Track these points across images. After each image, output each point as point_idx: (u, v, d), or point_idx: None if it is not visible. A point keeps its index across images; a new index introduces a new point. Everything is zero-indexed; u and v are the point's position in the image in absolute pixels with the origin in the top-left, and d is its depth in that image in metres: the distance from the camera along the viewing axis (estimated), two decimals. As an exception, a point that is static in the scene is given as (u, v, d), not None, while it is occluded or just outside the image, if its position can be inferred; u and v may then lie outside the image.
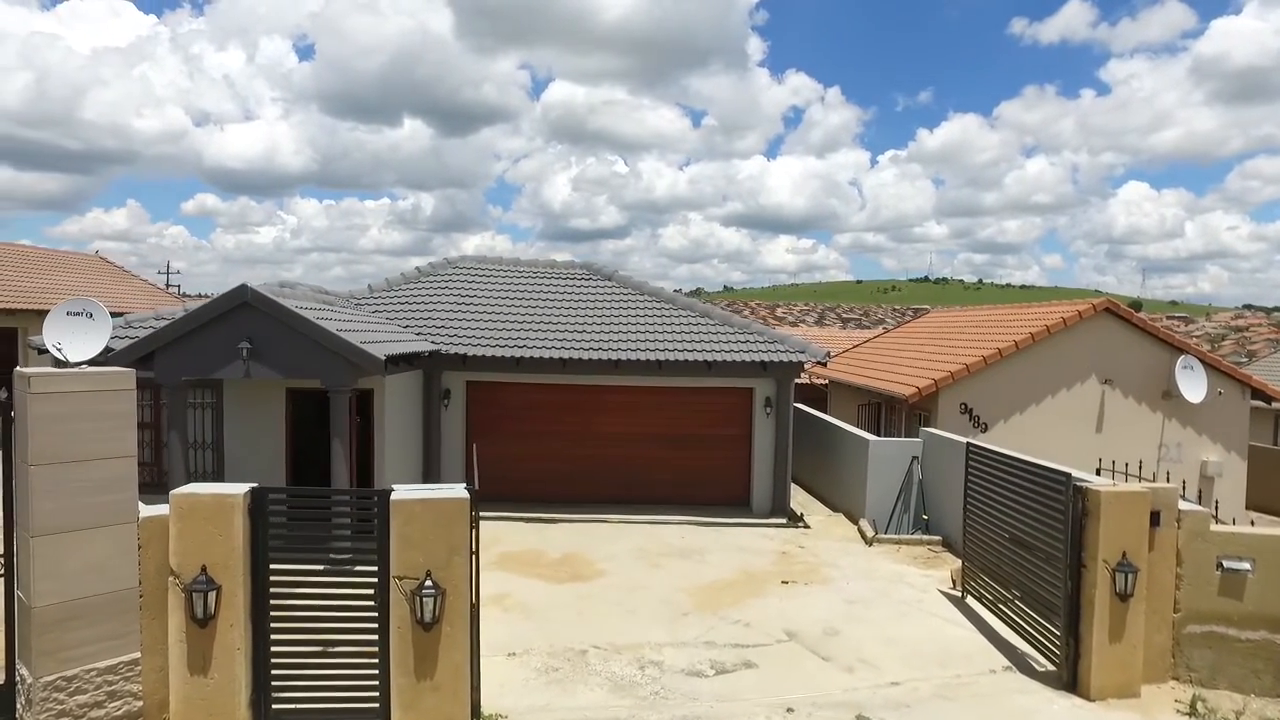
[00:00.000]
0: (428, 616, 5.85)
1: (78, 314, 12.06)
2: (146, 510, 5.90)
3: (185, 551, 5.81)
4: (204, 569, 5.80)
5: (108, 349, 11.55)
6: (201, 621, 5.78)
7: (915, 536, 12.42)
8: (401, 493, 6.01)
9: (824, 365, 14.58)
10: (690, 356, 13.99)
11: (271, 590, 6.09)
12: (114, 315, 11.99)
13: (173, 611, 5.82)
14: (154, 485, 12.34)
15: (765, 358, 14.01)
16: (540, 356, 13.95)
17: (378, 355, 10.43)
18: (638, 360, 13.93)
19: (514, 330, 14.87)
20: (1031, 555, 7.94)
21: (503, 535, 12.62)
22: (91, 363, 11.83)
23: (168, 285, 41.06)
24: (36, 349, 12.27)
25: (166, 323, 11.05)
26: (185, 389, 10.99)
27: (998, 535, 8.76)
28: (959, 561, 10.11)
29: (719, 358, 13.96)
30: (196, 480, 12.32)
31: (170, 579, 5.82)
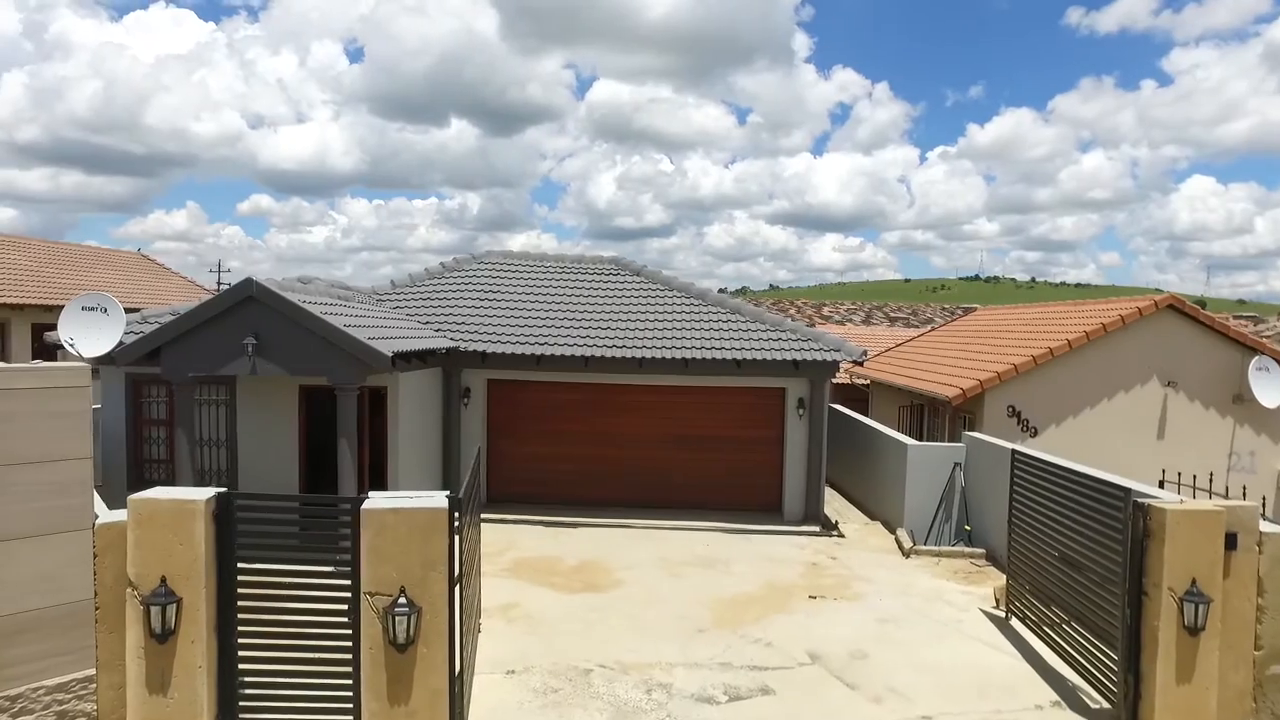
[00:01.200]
0: (401, 637, 5.33)
1: (92, 309, 11.97)
2: (105, 515, 5.48)
3: (144, 561, 5.38)
4: (164, 580, 5.37)
5: (121, 344, 11.42)
6: (160, 637, 5.35)
7: (956, 549, 11.57)
8: (374, 501, 5.50)
9: (860, 364, 13.77)
10: (718, 354, 13.33)
11: (240, 604, 5.64)
12: (134, 312, 11.73)
13: (131, 625, 5.40)
14: (169, 483, 12.14)
15: (798, 356, 13.27)
16: (561, 354, 13.42)
17: (384, 352, 10.00)
18: (663, 358, 13.32)
19: (537, 327, 14.38)
20: (1084, 577, 7.12)
21: (519, 540, 12.13)
22: (100, 359, 11.72)
23: (219, 284, 41.74)
24: (53, 344, 12.17)
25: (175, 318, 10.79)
26: (193, 385, 10.72)
27: (1046, 552, 7.93)
28: (1003, 578, 9.29)
29: (749, 356, 13.27)
30: (208, 479, 12.09)
31: (128, 590, 5.40)
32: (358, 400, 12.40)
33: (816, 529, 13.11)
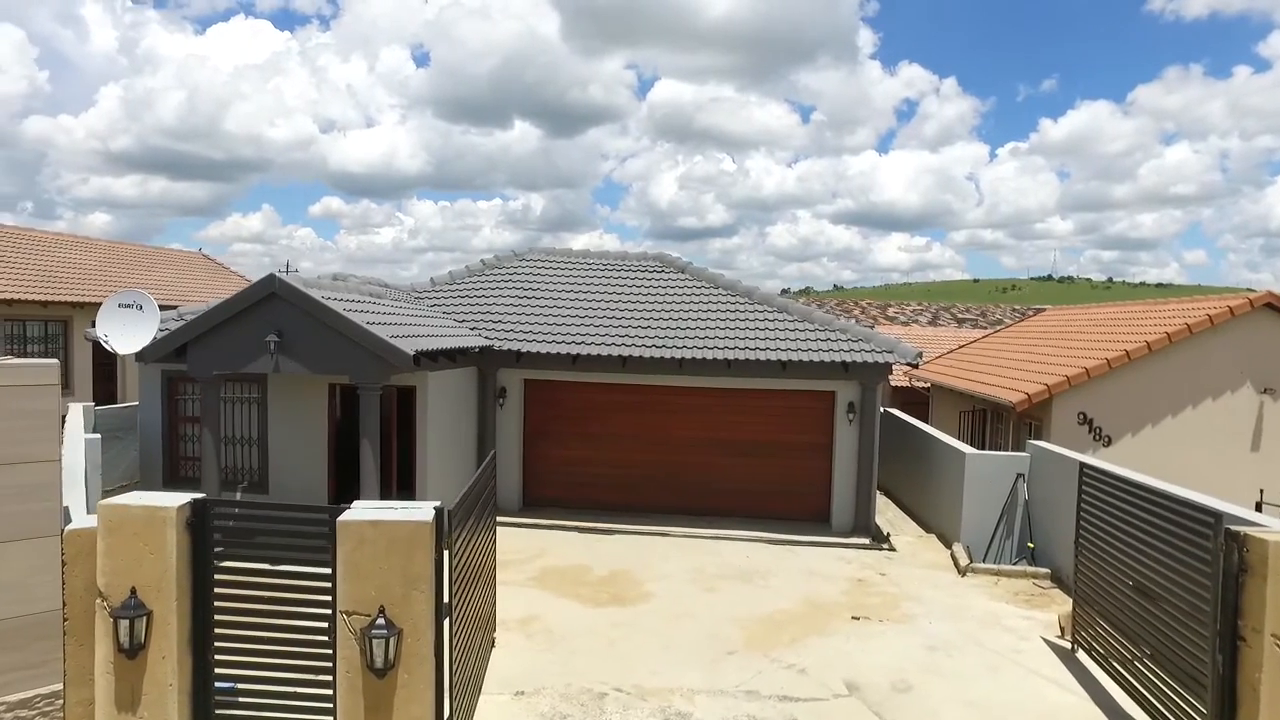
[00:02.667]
0: (379, 661, 4.87)
1: (129, 306, 11.98)
2: (76, 522, 5.17)
3: (114, 570, 5.05)
4: (133, 591, 5.03)
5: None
6: (129, 651, 5.01)
7: (1017, 568, 10.62)
8: (352, 512, 5.05)
9: (915, 367, 12.89)
10: (762, 355, 12.62)
11: (216, 618, 5.27)
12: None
13: (101, 639, 5.07)
14: (202, 481, 12.08)
15: (848, 358, 12.47)
16: (598, 354, 12.92)
17: (405, 350, 9.65)
18: (704, 359, 12.69)
19: (575, 325, 13.91)
20: (1164, 610, 6.24)
21: (550, 547, 11.67)
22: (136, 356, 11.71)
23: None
24: (92, 341, 12.24)
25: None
26: (218, 383, 10.58)
27: (1120, 579, 7.04)
28: (1070, 603, 8.38)
29: (795, 357, 12.53)
30: (239, 478, 12.00)
31: (98, 601, 5.07)
32: (387, 400, 12.19)
33: (866, 541, 12.29)
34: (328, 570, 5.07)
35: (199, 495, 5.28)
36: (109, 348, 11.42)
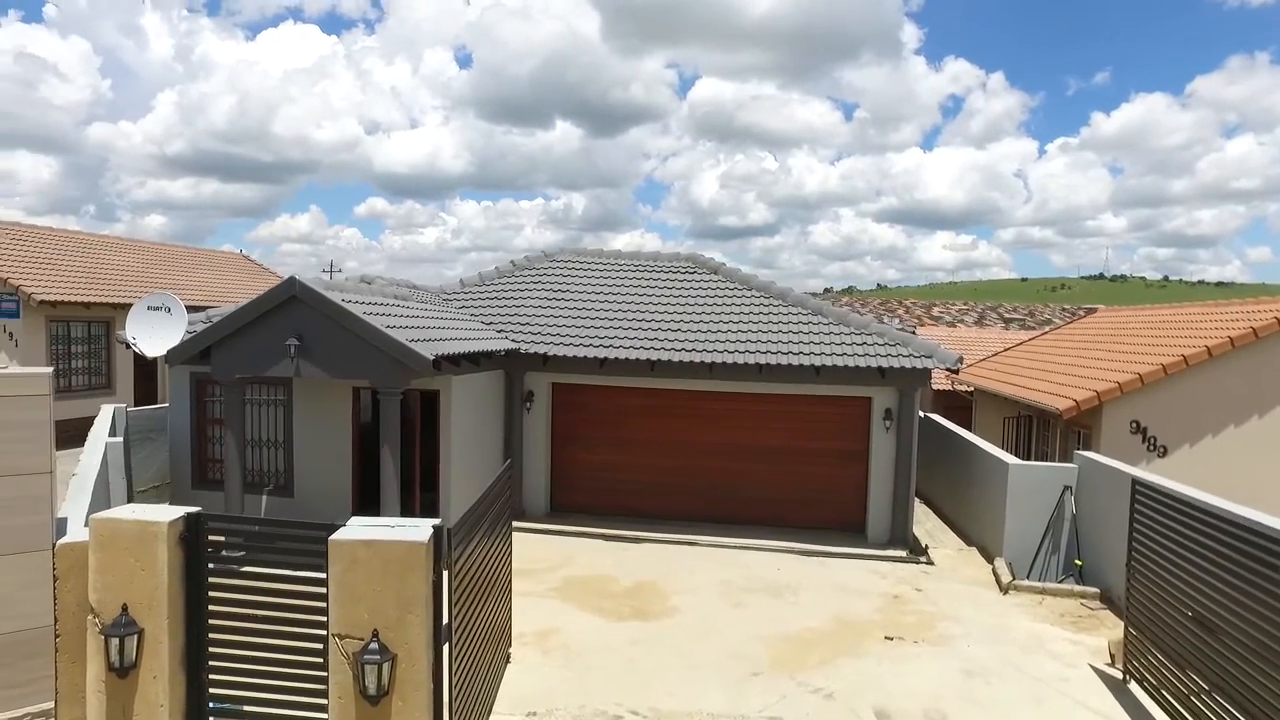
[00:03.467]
0: (372, 687, 4.62)
1: (157, 308, 12.02)
2: (69, 535, 5.03)
3: (106, 587, 4.89)
4: (125, 608, 4.86)
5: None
6: (120, 671, 4.84)
7: (1064, 586, 10.04)
8: (345, 531, 4.82)
9: (955, 372, 12.33)
10: (795, 360, 12.20)
11: (211, 637, 5.08)
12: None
13: (93, 656, 4.91)
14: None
15: (884, 363, 11.98)
16: (625, 357, 12.63)
17: (424, 354, 9.46)
18: (734, 363, 12.31)
19: (604, 328, 13.63)
20: (1230, 643, 5.71)
21: (576, 555, 11.41)
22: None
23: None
24: (122, 343, 12.32)
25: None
26: (242, 386, 10.52)
27: (1178, 605, 6.51)
28: (1122, 627, 7.83)
29: (829, 362, 12.08)
30: (265, 481, 11.96)
31: (90, 618, 4.92)
32: (410, 404, 12.06)
33: (903, 554, 11.79)
34: (323, 590, 4.85)
35: (193, 509, 5.09)
36: (137, 350, 11.46)
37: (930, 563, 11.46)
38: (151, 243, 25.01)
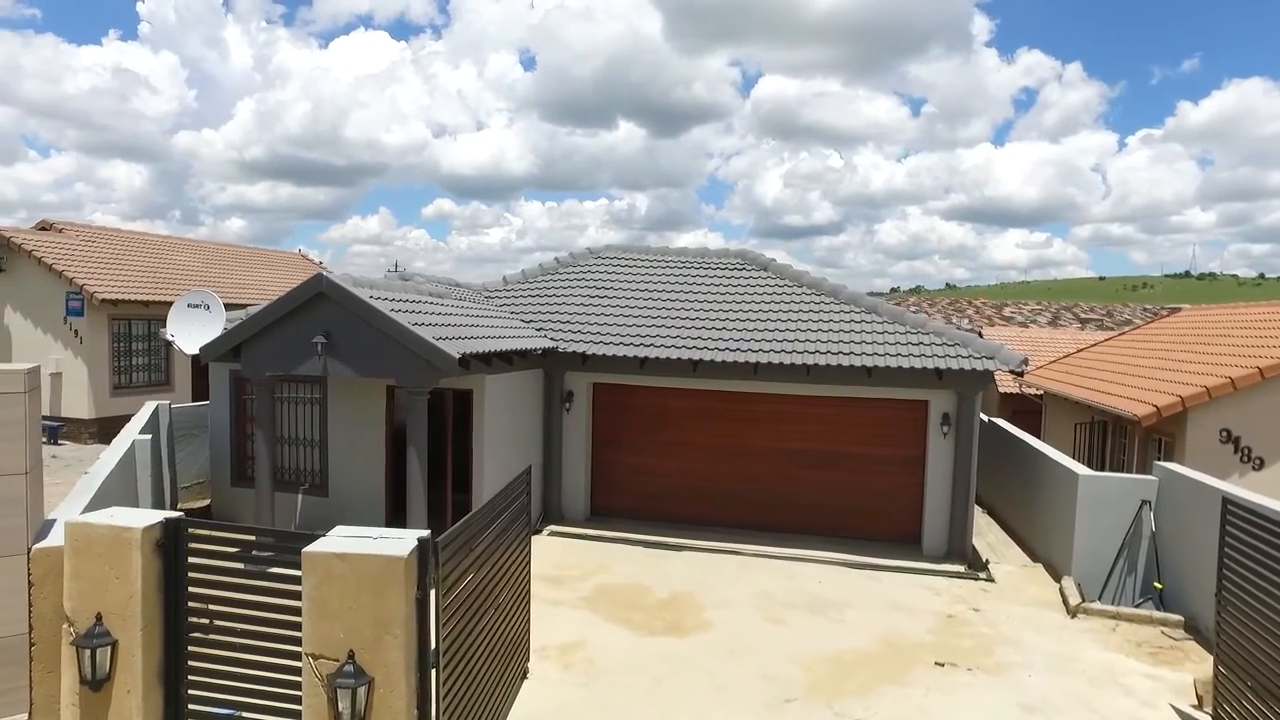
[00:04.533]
0: (346, 713, 4.25)
1: (197, 306, 12.06)
2: (46, 539, 4.80)
3: (80, 595, 4.65)
4: (99, 618, 4.61)
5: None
6: (93, 684, 4.59)
7: (1142, 612, 9.11)
8: (322, 542, 4.45)
9: (1020, 375, 11.45)
10: (846, 361, 11.49)
11: (191, 650, 4.80)
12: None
13: (66, 667, 4.68)
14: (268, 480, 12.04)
15: (942, 364, 11.17)
16: (667, 357, 12.12)
17: (450, 352, 9.13)
18: (781, 363, 11.68)
19: (646, 327, 13.14)
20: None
21: (611, 562, 10.96)
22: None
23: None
24: (164, 340, 12.40)
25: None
26: (273, 383, 10.40)
27: (1278, 641, 5.67)
28: (1210, 662, 6.96)
29: (882, 362, 11.34)
30: (301, 480, 11.86)
31: (64, 626, 4.68)
32: (444, 403, 11.80)
33: (960, 569, 10.98)
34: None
35: (172, 514, 4.82)
36: (176, 346, 11.50)
37: (990, 579, 10.62)
38: (212, 243, 25.60)
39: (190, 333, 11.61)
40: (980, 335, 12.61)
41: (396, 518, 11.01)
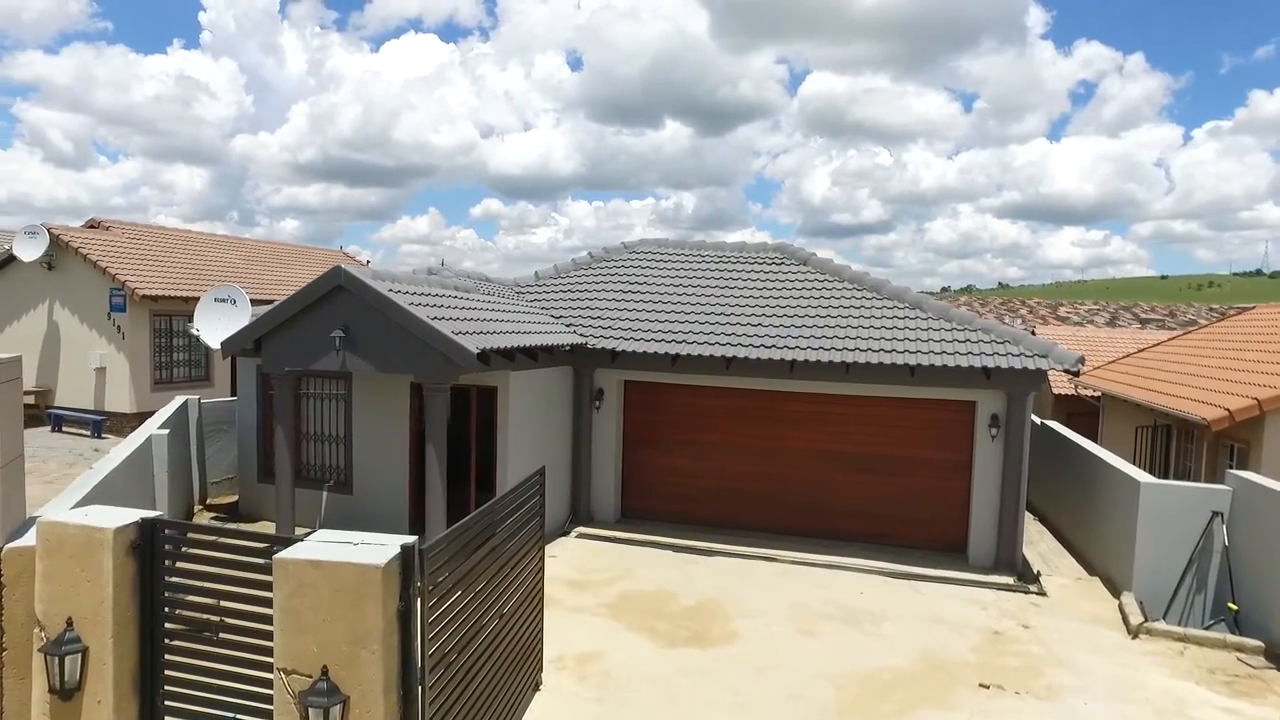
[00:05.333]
0: (319, 735, 3.90)
1: (224, 300, 11.97)
2: (20, 538, 4.56)
3: (51, 598, 4.40)
4: (70, 623, 4.35)
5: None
6: (63, 693, 4.33)
7: (1215, 634, 8.36)
8: (295, 548, 4.12)
9: (1075, 374, 10.70)
10: (887, 359, 10.88)
11: (168, 659, 4.52)
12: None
13: (37, 674, 4.44)
14: (294, 477, 11.90)
15: (990, 362, 10.50)
16: (699, 354, 11.64)
17: (469, 347, 8.81)
18: (818, 361, 11.12)
19: (680, 322, 12.68)
20: None
21: (638, 567, 10.55)
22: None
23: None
24: (191, 334, 12.35)
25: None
26: (293, 379, 10.22)
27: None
28: (1288, 694, 6.26)
29: (925, 360, 10.70)
30: (322, 479, 11.71)
31: (36, 631, 4.44)
32: (467, 400, 11.53)
33: (1009, 580, 10.30)
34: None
35: (150, 514, 4.54)
36: (202, 341, 11.41)
37: (1042, 593, 9.92)
38: (254, 240, 25.87)
39: (216, 327, 11.53)
40: (1033, 334, 11.84)
41: (419, 516, 10.76)
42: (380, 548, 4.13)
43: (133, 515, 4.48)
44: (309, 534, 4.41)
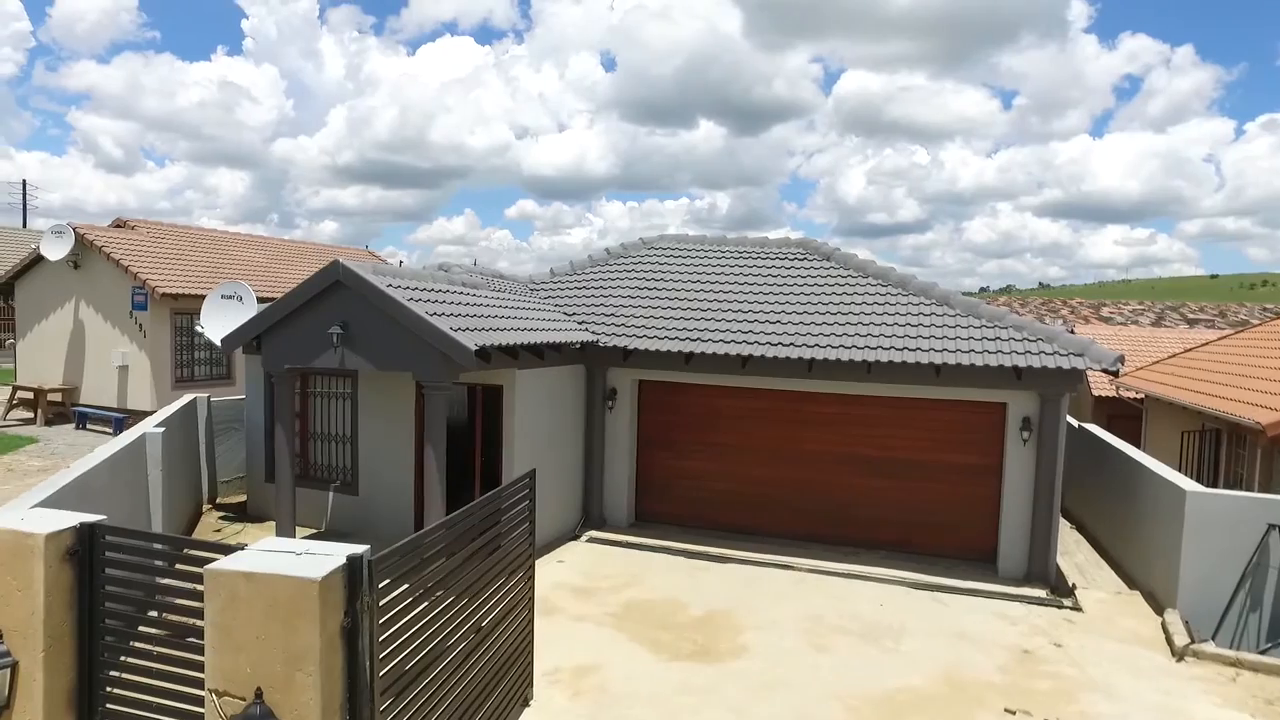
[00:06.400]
0: (251, 766, 3.54)
1: (230, 297, 11.79)
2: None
3: (-17, 607, 4.10)
4: None
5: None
6: (-7, 711, 4.03)
7: (1271, 659, 7.67)
8: (230, 559, 3.76)
9: (1114, 374, 10.03)
10: (910, 357, 10.32)
11: (108, 675, 4.20)
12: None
13: (-31, 689, 4.13)
14: (300, 476, 11.69)
15: (1021, 361, 9.88)
16: (713, 352, 11.18)
17: (467, 344, 8.45)
18: (837, 360, 10.59)
19: (696, 320, 12.21)
20: None
21: (646, 574, 10.12)
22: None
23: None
24: (196, 331, 12.19)
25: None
26: (294, 376, 9.97)
27: None
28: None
29: (952, 359, 10.12)
30: (328, 479, 11.48)
31: (-32, 643, 4.14)
32: (473, 400, 11.21)
33: (1041, 593, 9.67)
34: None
35: (90, 518, 4.22)
36: (207, 338, 11.24)
37: (1077, 608, 9.28)
38: (278, 239, 25.94)
39: (222, 324, 11.34)
40: (1071, 333, 11.18)
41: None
42: (324, 558, 3.76)
43: (71, 519, 4.18)
44: (260, 540, 4.06)
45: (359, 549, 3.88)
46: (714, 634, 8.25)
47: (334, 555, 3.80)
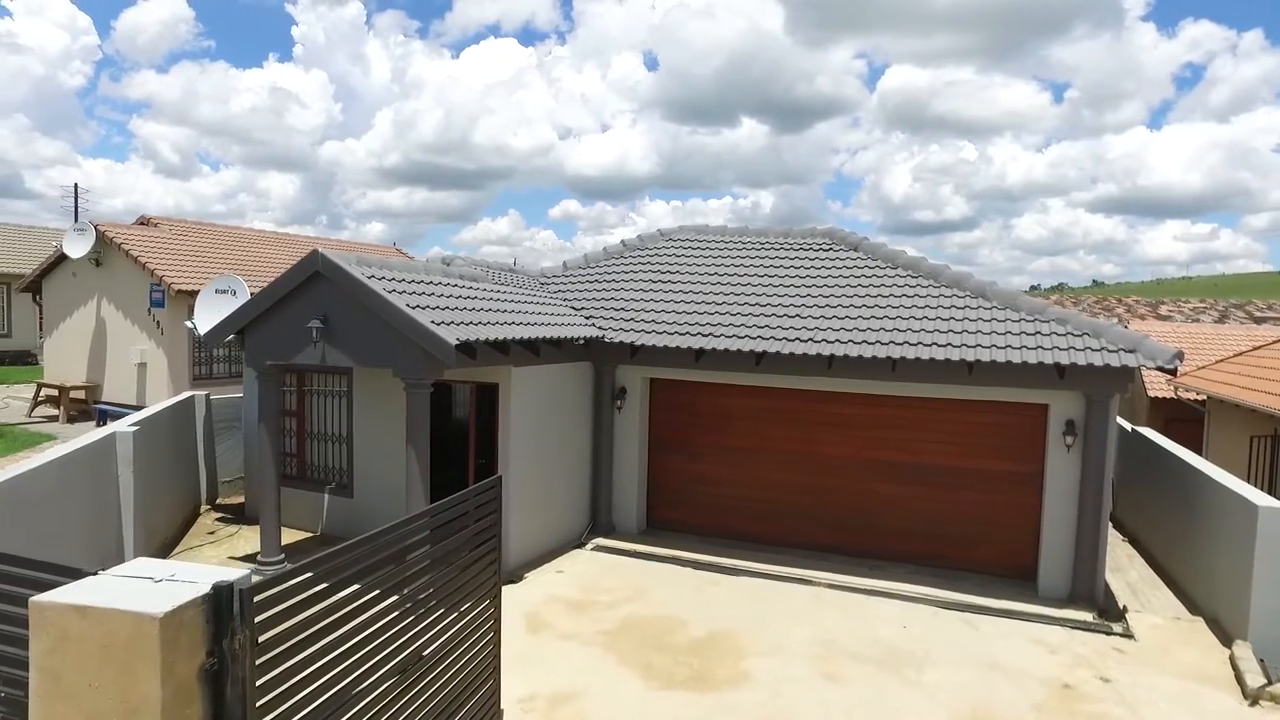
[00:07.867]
0: (79, 842, 2.91)
1: (224, 291, 11.37)
2: None
3: None
4: None
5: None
6: None
7: (1351, 699, 6.64)
8: (61, 591, 3.13)
9: (1171, 373, 8.99)
10: (940, 354, 9.42)
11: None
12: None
13: None
14: (296, 478, 11.27)
15: (1064, 358, 8.91)
16: (725, 349, 10.41)
17: (445, 338, 7.83)
18: (859, 356, 9.74)
19: (709, 314, 11.44)
20: None
21: (652, 587, 9.40)
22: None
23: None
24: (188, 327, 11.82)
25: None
26: (278, 373, 9.47)
27: None
28: None
29: (985, 356, 9.19)
30: (324, 480, 11.00)
31: None
32: (470, 400, 10.61)
33: (1087, 617, 8.70)
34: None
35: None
36: (197, 333, 10.84)
37: (1128, 634, 8.28)
38: (305, 236, 25.83)
39: (214, 319, 10.92)
40: (1125, 327, 10.11)
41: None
42: (183, 586, 3.12)
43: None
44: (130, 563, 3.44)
45: (233, 575, 3.23)
46: (713, 658, 7.49)
47: (197, 583, 3.16)
